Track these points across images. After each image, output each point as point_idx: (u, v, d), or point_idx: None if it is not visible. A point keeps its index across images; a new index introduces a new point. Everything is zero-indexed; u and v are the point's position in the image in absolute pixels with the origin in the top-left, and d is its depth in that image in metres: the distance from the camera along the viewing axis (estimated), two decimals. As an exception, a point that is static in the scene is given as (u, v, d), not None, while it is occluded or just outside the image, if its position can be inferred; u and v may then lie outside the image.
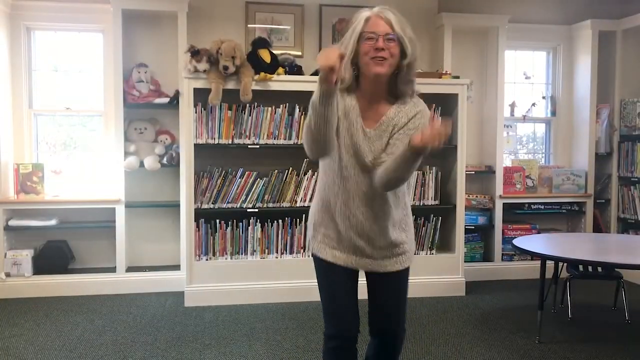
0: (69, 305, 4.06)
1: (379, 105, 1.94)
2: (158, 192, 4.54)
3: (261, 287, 4.19)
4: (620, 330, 3.61)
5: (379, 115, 1.93)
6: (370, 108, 1.93)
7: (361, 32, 1.85)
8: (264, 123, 4.18)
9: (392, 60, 1.84)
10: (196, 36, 4.39)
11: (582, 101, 5.05)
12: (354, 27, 1.88)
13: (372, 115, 1.93)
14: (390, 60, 1.84)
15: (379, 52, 1.82)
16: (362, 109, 1.93)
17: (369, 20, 1.86)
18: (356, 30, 1.87)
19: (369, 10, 1.88)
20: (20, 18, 4.37)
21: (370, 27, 1.85)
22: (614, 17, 4.97)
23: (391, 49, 1.83)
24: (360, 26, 1.86)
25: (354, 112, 1.92)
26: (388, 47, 1.83)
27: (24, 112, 4.43)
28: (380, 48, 1.82)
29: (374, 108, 1.93)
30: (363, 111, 1.93)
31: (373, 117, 1.93)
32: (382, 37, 1.82)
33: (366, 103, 1.93)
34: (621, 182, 5.06)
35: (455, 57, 4.77)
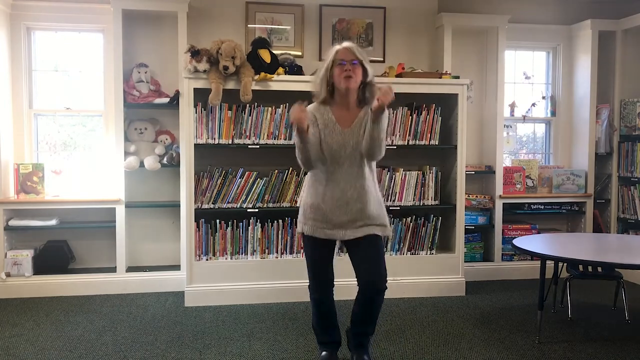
0: (69, 305, 4.06)
1: (351, 111, 2.74)
2: (158, 192, 4.54)
3: (261, 287, 4.19)
4: (620, 330, 3.61)
5: (353, 117, 2.73)
6: (344, 114, 2.73)
7: (334, 60, 2.66)
8: (264, 123, 4.18)
9: (357, 78, 2.66)
10: (196, 36, 4.39)
11: (582, 101, 5.05)
12: (328, 58, 2.70)
13: (347, 119, 2.72)
14: (356, 77, 2.65)
15: (348, 72, 2.62)
16: (337, 117, 2.72)
17: (338, 52, 2.67)
18: (329, 59, 2.68)
19: (339, 45, 2.70)
20: (20, 18, 4.37)
21: (340, 56, 2.66)
22: (614, 17, 4.97)
23: (355, 70, 2.64)
24: (332, 56, 2.68)
25: (331, 122, 2.72)
26: (353, 69, 2.63)
27: (24, 112, 4.43)
28: (348, 69, 2.62)
29: (347, 113, 2.73)
30: (338, 118, 2.72)
31: (348, 120, 2.72)
32: (348, 63, 2.63)
33: (340, 111, 2.73)
34: (621, 182, 5.06)
35: (455, 57, 4.77)
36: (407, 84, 4.24)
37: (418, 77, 4.32)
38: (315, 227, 2.75)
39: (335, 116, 2.72)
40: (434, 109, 4.37)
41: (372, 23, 4.72)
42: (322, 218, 2.72)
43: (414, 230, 4.40)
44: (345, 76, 2.62)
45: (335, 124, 2.70)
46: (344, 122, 2.71)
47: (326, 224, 2.72)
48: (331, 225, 2.72)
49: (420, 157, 4.65)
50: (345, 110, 2.72)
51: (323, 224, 2.73)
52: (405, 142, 4.35)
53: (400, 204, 4.37)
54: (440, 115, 4.39)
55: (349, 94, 2.69)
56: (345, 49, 2.67)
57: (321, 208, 2.72)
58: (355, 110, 2.73)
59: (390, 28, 4.76)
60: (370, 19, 4.71)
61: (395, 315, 3.88)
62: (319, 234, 2.75)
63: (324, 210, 2.71)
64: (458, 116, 4.34)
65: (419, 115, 4.36)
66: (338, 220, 2.71)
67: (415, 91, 4.27)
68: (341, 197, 2.69)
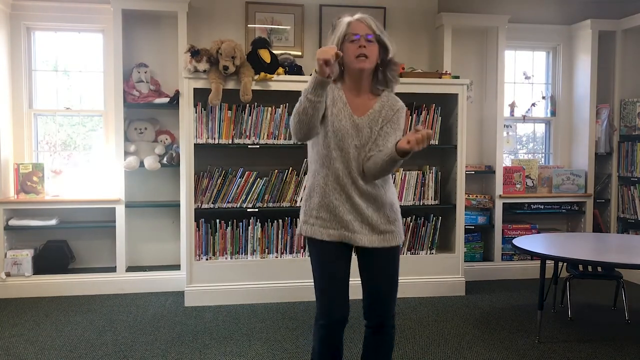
0: (69, 305, 4.06)
1: (364, 98, 2.20)
2: (158, 192, 4.54)
3: (261, 287, 4.19)
4: (620, 330, 3.61)
5: (366, 106, 2.19)
6: (356, 100, 2.19)
7: (345, 34, 2.12)
8: (264, 123, 4.18)
9: (373, 57, 2.13)
10: (196, 36, 4.39)
11: (582, 101, 5.05)
12: (337, 31, 2.16)
13: (359, 106, 2.19)
14: (372, 57, 2.12)
15: (361, 50, 2.09)
16: (349, 99, 2.19)
17: (350, 24, 2.14)
18: (340, 33, 2.14)
19: (349, 16, 2.17)
20: (20, 18, 4.37)
21: (352, 29, 2.12)
22: (614, 17, 4.97)
23: (371, 48, 2.11)
24: (344, 29, 2.14)
25: (341, 101, 2.18)
26: (368, 45, 2.10)
27: (24, 112, 4.43)
28: (363, 46, 2.09)
29: (359, 100, 2.20)
30: (350, 101, 2.19)
31: (360, 108, 2.19)
32: (363, 38, 2.10)
33: (352, 96, 2.20)
34: (621, 182, 5.06)
35: (455, 57, 4.77)
36: (407, 84, 4.23)
37: (418, 77, 4.32)
38: (316, 225, 2.20)
39: (347, 97, 2.19)
40: (434, 109, 4.38)
41: (372, 23, 4.71)
42: (326, 216, 2.19)
43: (414, 230, 4.40)
44: (358, 54, 2.09)
45: (345, 105, 2.17)
46: (357, 108, 2.19)
47: (330, 222, 2.18)
48: (336, 223, 2.18)
49: (420, 157, 4.63)
50: (357, 95, 2.20)
51: (327, 222, 2.18)
52: (405, 142, 4.34)
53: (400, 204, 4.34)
54: (440, 115, 4.39)
55: (363, 76, 2.16)
56: (358, 20, 2.14)
57: (324, 203, 2.19)
58: (369, 97, 2.21)
59: (390, 28, 4.75)
60: (370, 19, 4.70)
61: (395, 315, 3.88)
62: (320, 234, 2.19)
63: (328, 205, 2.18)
64: (458, 116, 4.34)
65: (419, 115, 4.36)
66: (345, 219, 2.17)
67: (415, 91, 4.27)
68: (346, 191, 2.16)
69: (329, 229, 2.18)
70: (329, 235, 2.18)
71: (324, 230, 2.19)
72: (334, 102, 2.18)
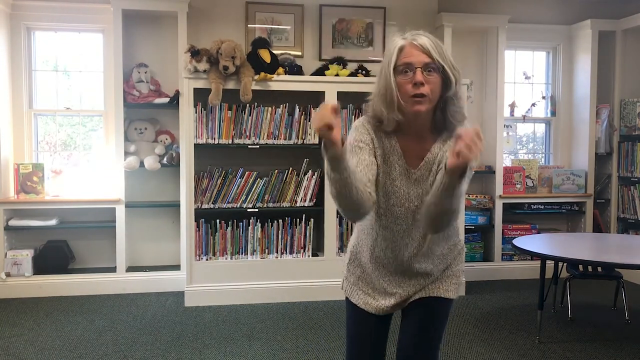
0: (69, 305, 4.06)
1: (423, 142, 1.69)
2: (158, 192, 4.54)
3: (261, 287, 4.19)
4: (620, 330, 3.61)
5: (424, 152, 1.69)
6: (413, 146, 1.69)
7: (395, 66, 1.59)
8: (264, 123, 4.18)
9: (433, 96, 1.59)
10: (196, 36, 4.39)
11: (582, 101, 5.05)
12: (388, 61, 1.60)
13: (416, 153, 1.69)
14: (431, 96, 1.58)
15: (417, 88, 1.56)
16: (404, 149, 1.68)
17: (404, 50, 1.59)
18: (391, 64, 1.59)
19: (401, 38, 1.61)
20: (20, 18, 4.37)
21: (405, 58, 1.58)
22: (614, 17, 4.97)
23: (431, 82, 1.57)
24: (395, 58, 1.59)
25: (395, 154, 1.68)
26: (427, 80, 1.56)
27: (24, 112, 4.43)
28: (420, 82, 1.55)
29: (417, 145, 1.69)
30: (405, 151, 1.68)
31: (417, 156, 1.69)
32: (419, 70, 1.56)
33: (408, 142, 1.68)
34: (621, 182, 5.06)
35: (455, 57, 4.68)
36: (407, 84, 4.23)
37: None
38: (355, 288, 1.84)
39: (402, 147, 1.69)
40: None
41: (372, 23, 4.72)
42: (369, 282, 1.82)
43: (414, 230, 4.39)
44: (413, 95, 1.57)
45: (401, 157, 1.68)
46: (413, 158, 1.69)
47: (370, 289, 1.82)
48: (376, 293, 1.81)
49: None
50: (416, 140, 1.69)
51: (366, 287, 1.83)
52: (405, 142, 4.34)
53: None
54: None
55: (419, 118, 1.63)
56: (412, 46, 1.59)
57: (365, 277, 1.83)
58: (428, 139, 1.69)
59: (390, 28, 4.76)
60: (370, 19, 4.71)
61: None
62: (357, 299, 1.83)
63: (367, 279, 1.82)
64: (458, 116, 4.33)
65: (419, 115, 4.35)
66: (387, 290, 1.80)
67: (415, 91, 4.26)
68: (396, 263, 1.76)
69: (367, 297, 1.81)
70: (366, 304, 1.81)
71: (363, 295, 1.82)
72: (385, 157, 1.68)
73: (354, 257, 1.85)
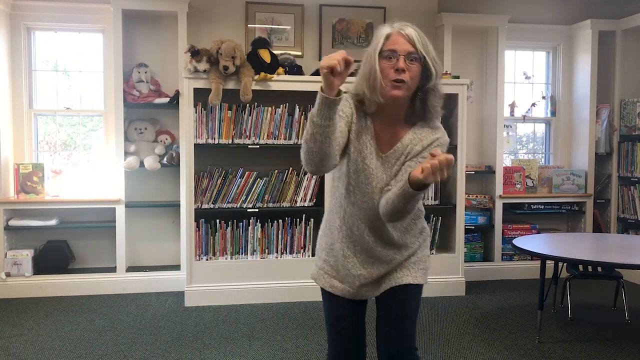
0: (69, 305, 4.06)
1: (397, 129, 1.78)
2: (158, 192, 4.54)
3: (261, 287, 4.19)
4: (620, 330, 3.61)
5: (396, 139, 1.78)
6: (386, 131, 1.78)
7: (381, 51, 1.69)
8: (264, 123, 4.18)
9: (412, 83, 1.69)
10: (196, 36, 4.39)
11: (582, 101, 5.05)
12: (374, 46, 1.71)
13: (389, 139, 1.78)
14: (410, 83, 1.68)
15: (398, 74, 1.66)
16: (377, 131, 1.78)
17: (390, 37, 1.69)
18: (377, 49, 1.69)
19: (389, 27, 1.72)
20: (20, 18, 4.37)
21: (390, 44, 1.68)
22: (614, 17, 4.97)
23: (412, 71, 1.67)
24: (381, 44, 1.69)
25: (368, 134, 1.77)
26: (409, 68, 1.67)
27: (24, 112, 4.43)
28: (401, 69, 1.66)
29: (391, 131, 1.78)
30: (378, 133, 1.78)
31: (389, 142, 1.78)
32: (402, 57, 1.66)
33: (383, 125, 1.78)
34: (621, 182, 5.06)
35: (455, 57, 4.77)
36: (407, 84, 4.23)
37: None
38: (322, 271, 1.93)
39: (376, 129, 1.79)
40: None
41: (372, 23, 4.72)
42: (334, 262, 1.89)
43: (414, 230, 4.39)
44: (393, 79, 1.66)
45: (372, 138, 1.78)
46: (384, 141, 1.79)
47: (337, 273, 1.89)
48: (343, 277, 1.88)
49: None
50: (389, 125, 1.78)
51: (333, 270, 1.90)
52: (405, 142, 4.34)
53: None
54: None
55: (397, 103, 1.73)
56: (398, 34, 1.69)
57: (334, 249, 1.89)
58: (402, 127, 1.78)
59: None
60: (370, 19, 4.71)
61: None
62: (325, 283, 1.92)
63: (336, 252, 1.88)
64: (458, 116, 4.34)
65: (419, 115, 4.35)
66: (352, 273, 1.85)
67: (415, 91, 4.26)
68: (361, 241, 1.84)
69: (333, 279, 1.90)
70: (332, 287, 1.89)
71: (328, 278, 1.91)
72: (358, 134, 1.77)
73: (323, 241, 1.94)
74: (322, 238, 1.95)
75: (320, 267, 1.93)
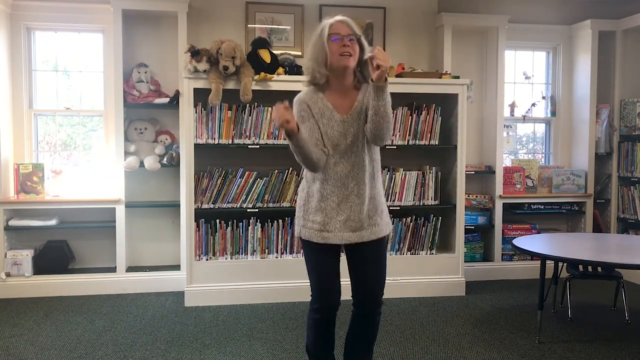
0: (69, 305, 4.06)
1: (349, 95, 2.37)
2: (158, 192, 4.54)
3: (261, 287, 4.19)
4: (620, 330, 3.62)
5: (351, 102, 2.36)
6: (341, 99, 2.36)
7: (328, 35, 2.27)
8: (264, 123, 4.18)
9: (355, 55, 2.29)
10: (196, 36, 4.39)
11: (582, 101, 5.05)
12: (321, 33, 2.30)
13: (345, 104, 2.36)
14: (355, 55, 2.29)
15: (345, 48, 2.25)
16: (334, 103, 2.36)
17: (333, 26, 2.29)
18: (324, 34, 2.28)
19: (331, 19, 2.32)
20: (20, 18, 4.37)
21: (334, 30, 2.28)
22: (614, 17, 4.97)
23: (353, 47, 2.28)
24: (327, 31, 2.28)
25: (328, 109, 2.35)
26: (352, 45, 2.27)
27: (24, 112, 4.43)
28: (347, 45, 2.26)
29: (345, 98, 2.37)
30: (335, 104, 2.36)
31: (345, 106, 2.36)
32: (345, 37, 2.27)
33: (337, 97, 2.36)
34: (621, 182, 5.06)
35: (455, 57, 4.77)
36: (407, 84, 4.24)
37: (418, 77, 4.32)
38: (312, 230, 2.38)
39: (331, 102, 2.35)
40: (434, 109, 4.37)
41: (372, 23, 4.72)
42: (322, 219, 2.36)
43: (414, 230, 4.40)
44: (342, 53, 2.25)
45: (332, 111, 2.34)
46: (342, 108, 2.35)
47: (324, 226, 2.36)
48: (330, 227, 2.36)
49: (420, 157, 4.65)
50: (342, 95, 2.36)
51: (321, 226, 2.36)
52: (405, 142, 4.35)
53: (400, 204, 4.37)
54: (440, 115, 4.39)
55: (346, 75, 2.32)
56: (339, 22, 2.30)
57: (320, 207, 2.36)
58: (353, 93, 2.37)
59: (390, 28, 4.76)
60: (370, 19, 4.71)
61: (395, 315, 3.88)
62: (316, 238, 2.37)
63: (324, 209, 2.35)
64: (458, 116, 4.34)
65: (419, 115, 4.36)
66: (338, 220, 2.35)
67: (415, 91, 4.27)
68: (343, 192, 2.34)
69: (322, 232, 2.36)
70: (323, 238, 2.35)
71: (319, 233, 2.36)
72: (321, 113, 2.35)
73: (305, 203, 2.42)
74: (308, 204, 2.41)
75: (304, 225, 2.40)
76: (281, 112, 2.13)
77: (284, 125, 2.12)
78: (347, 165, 2.34)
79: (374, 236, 2.39)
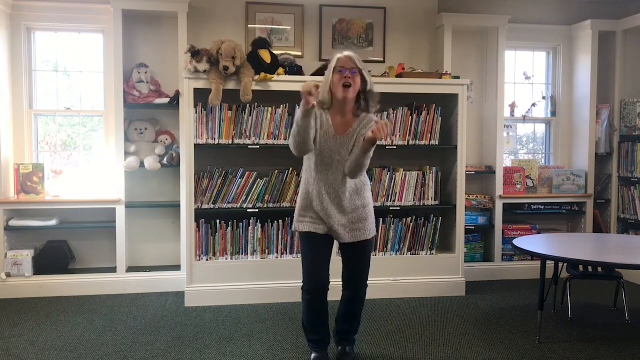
0: (69, 305, 4.06)
1: (347, 119, 2.83)
2: (158, 192, 4.55)
3: (261, 287, 4.19)
4: (620, 330, 3.62)
5: (347, 126, 2.82)
6: (340, 121, 2.82)
7: (334, 67, 2.74)
8: (264, 123, 4.18)
9: (356, 86, 2.75)
10: (196, 36, 4.40)
11: (582, 101, 5.05)
12: (331, 64, 2.78)
13: (342, 126, 2.82)
14: (354, 86, 2.74)
15: (346, 79, 2.71)
16: (334, 122, 2.82)
17: (339, 59, 2.75)
18: (332, 66, 2.76)
19: (340, 53, 2.77)
20: (20, 18, 4.37)
21: (340, 63, 2.74)
22: (614, 17, 4.97)
23: (354, 79, 2.73)
24: (334, 63, 2.75)
25: (327, 124, 2.81)
26: (352, 77, 2.72)
27: (24, 112, 4.43)
28: (347, 76, 2.71)
29: (343, 121, 2.82)
30: (334, 123, 2.82)
31: (343, 128, 2.82)
32: (347, 70, 2.72)
33: (337, 118, 2.82)
34: (621, 182, 5.06)
35: (455, 57, 4.77)
36: (407, 84, 4.24)
37: (418, 77, 4.32)
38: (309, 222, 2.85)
39: (332, 120, 2.80)
40: (434, 109, 4.37)
41: (372, 23, 4.72)
42: (316, 216, 2.85)
43: (414, 230, 4.40)
44: (343, 84, 2.71)
45: (330, 127, 2.79)
46: (339, 128, 2.80)
47: (320, 220, 2.84)
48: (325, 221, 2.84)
49: (420, 157, 4.65)
50: (341, 117, 2.81)
51: (318, 220, 2.84)
52: (405, 142, 4.35)
53: (400, 204, 4.37)
54: (440, 115, 4.39)
55: (346, 101, 2.77)
56: (345, 57, 2.74)
57: (312, 207, 2.84)
58: (351, 118, 2.82)
59: (390, 28, 4.76)
60: (370, 19, 4.71)
61: (395, 315, 3.88)
62: (312, 229, 2.84)
63: (316, 209, 2.83)
64: (458, 116, 4.34)
65: (419, 115, 4.36)
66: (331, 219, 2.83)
67: (415, 91, 4.27)
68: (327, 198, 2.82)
69: (318, 225, 2.85)
70: (316, 228, 2.84)
71: (315, 225, 2.85)
72: (321, 125, 2.79)
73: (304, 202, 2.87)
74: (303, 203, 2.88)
75: (301, 220, 2.87)
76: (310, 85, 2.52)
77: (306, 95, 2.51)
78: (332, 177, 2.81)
79: (357, 239, 2.86)
